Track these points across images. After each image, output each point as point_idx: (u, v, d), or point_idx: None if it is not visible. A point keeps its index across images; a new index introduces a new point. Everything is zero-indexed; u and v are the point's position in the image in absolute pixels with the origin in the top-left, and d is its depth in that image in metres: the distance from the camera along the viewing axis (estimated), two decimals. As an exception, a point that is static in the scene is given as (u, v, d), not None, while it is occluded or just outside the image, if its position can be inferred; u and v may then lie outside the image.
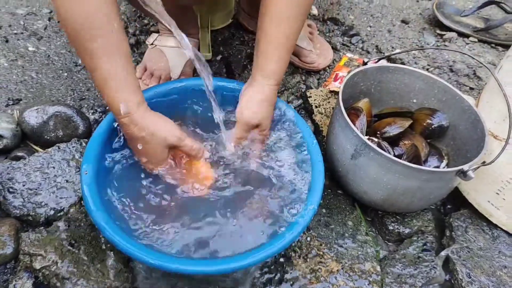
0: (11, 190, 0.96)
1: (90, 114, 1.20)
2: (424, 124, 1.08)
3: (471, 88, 1.38)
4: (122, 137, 0.90)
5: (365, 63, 1.08)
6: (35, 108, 1.11)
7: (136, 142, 0.84)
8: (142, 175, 0.89)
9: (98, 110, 1.21)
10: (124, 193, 0.86)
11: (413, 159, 0.97)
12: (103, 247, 0.91)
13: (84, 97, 1.25)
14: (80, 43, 0.76)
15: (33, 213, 0.94)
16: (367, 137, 1.02)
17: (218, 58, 1.40)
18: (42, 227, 0.93)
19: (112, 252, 0.90)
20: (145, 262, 0.73)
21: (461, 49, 1.51)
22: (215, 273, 0.74)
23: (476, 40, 1.56)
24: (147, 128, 0.81)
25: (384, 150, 0.91)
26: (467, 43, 1.55)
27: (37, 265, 0.85)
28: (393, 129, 1.05)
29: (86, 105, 1.23)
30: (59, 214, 0.96)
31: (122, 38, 0.78)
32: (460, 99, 1.04)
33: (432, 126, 1.07)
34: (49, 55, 1.35)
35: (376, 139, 1.02)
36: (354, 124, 0.95)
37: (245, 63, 1.39)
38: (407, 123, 1.05)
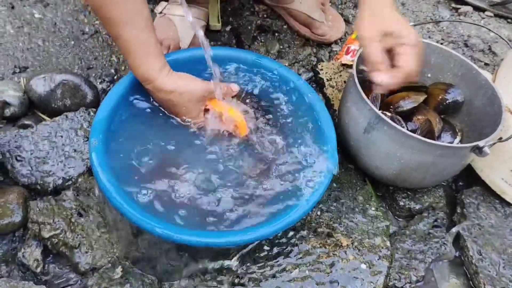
0: (18, 158, 0.95)
1: (98, 83, 1.18)
2: (438, 99, 1.05)
3: (486, 64, 1.35)
4: (131, 106, 0.89)
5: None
6: (42, 76, 1.09)
7: (166, 104, 0.88)
8: (151, 145, 0.88)
9: (106, 79, 1.20)
10: (133, 162, 0.85)
11: (427, 135, 0.96)
12: (112, 217, 0.90)
13: (91, 66, 1.23)
14: (103, 12, 0.79)
15: (41, 182, 0.93)
16: (380, 111, 1.00)
17: (228, 28, 1.37)
18: (50, 196, 0.92)
19: (120, 222, 0.90)
20: (153, 232, 0.73)
21: (477, 23, 1.47)
22: (239, 243, 0.75)
23: (492, 14, 1.51)
24: (172, 91, 0.84)
25: (397, 125, 0.89)
26: (483, 18, 1.51)
27: (45, 234, 0.85)
28: (406, 104, 1.02)
29: (93, 74, 1.20)
30: (67, 183, 0.95)
31: (143, 5, 0.81)
32: (477, 73, 1.01)
33: (447, 102, 1.05)
34: (55, 23, 1.32)
35: (389, 114, 1.00)
36: (368, 98, 0.93)
37: (255, 34, 1.36)
38: (421, 97, 1.03)
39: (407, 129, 0.98)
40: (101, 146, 0.82)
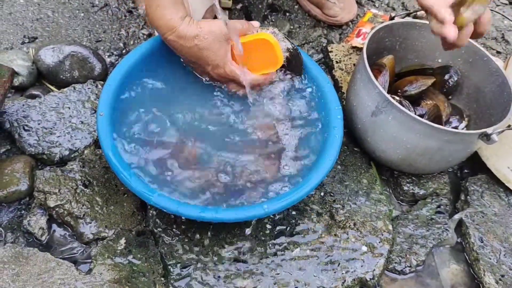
0: (26, 128, 0.96)
1: (107, 56, 1.18)
2: (440, 81, 1.05)
3: (498, 52, 1.33)
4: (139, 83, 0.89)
5: (392, 18, 1.04)
6: (51, 47, 1.09)
7: (191, 53, 0.86)
8: (159, 115, 0.89)
9: (115, 53, 1.19)
10: (140, 135, 0.85)
11: (435, 120, 0.95)
12: (117, 189, 0.91)
13: (100, 39, 1.22)
14: None
15: (48, 152, 0.94)
16: (389, 95, 0.99)
17: (238, 7, 1.36)
18: (56, 167, 0.93)
19: (125, 195, 0.90)
20: (161, 207, 0.74)
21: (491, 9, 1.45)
22: (251, 218, 0.77)
23: (507, 2, 1.49)
24: (197, 34, 0.83)
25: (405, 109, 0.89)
26: (498, 5, 1.48)
27: (51, 203, 0.86)
28: (414, 88, 1.02)
29: (102, 47, 1.20)
30: (73, 155, 0.95)
31: None
32: (488, 60, 1.00)
33: (449, 83, 1.05)
34: (65, -6, 1.31)
35: (397, 98, 1.00)
36: (377, 80, 0.92)
37: (265, 13, 1.35)
38: (429, 81, 1.02)
39: (415, 114, 0.98)
40: (109, 119, 0.82)
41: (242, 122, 0.92)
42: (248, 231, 0.87)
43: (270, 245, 0.87)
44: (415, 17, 1.33)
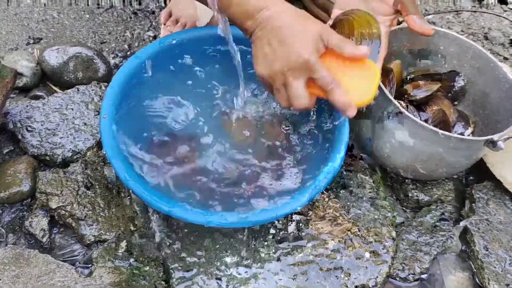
0: (29, 128, 0.96)
1: (111, 58, 1.18)
2: (446, 87, 1.04)
3: (505, 58, 1.32)
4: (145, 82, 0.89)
5: (399, 23, 1.03)
6: (55, 48, 1.09)
7: (274, 37, 0.68)
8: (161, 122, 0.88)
9: (119, 54, 1.19)
10: (143, 138, 0.85)
11: (439, 124, 0.94)
12: (119, 191, 0.90)
13: (105, 41, 1.22)
14: None
15: (51, 153, 0.94)
16: (395, 100, 0.99)
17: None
18: (59, 168, 0.93)
19: (128, 198, 0.90)
20: (164, 211, 0.74)
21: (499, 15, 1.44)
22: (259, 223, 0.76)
23: (514, 7, 1.48)
24: (293, 15, 0.68)
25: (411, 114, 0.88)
26: (505, 10, 1.48)
27: (53, 205, 0.86)
28: (420, 93, 1.01)
29: (107, 49, 1.20)
30: (76, 156, 0.95)
31: None
32: (495, 66, 0.99)
33: (454, 88, 1.04)
34: (71, -5, 1.32)
35: (403, 103, 0.99)
36: (384, 86, 0.92)
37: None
38: (434, 86, 1.01)
39: (420, 119, 0.97)
40: (112, 121, 0.81)
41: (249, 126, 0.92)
42: (245, 236, 0.86)
43: (273, 250, 0.86)
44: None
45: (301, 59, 0.67)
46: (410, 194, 1.00)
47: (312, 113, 0.90)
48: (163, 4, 1.33)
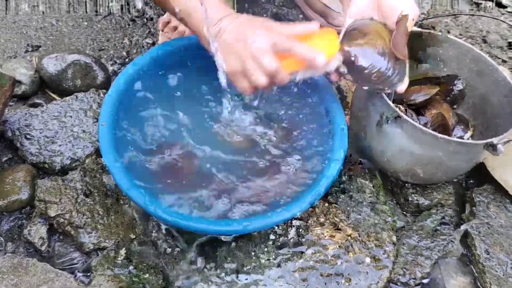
0: (28, 136, 0.96)
1: (109, 65, 1.18)
2: (444, 91, 1.04)
3: (504, 61, 1.32)
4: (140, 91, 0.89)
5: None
6: (54, 56, 1.09)
7: (243, 37, 0.76)
8: (161, 124, 0.88)
9: (117, 61, 1.19)
10: (141, 145, 0.85)
11: (439, 128, 0.94)
12: (118, 199, 0.90)
13: (103, 48, 1.23)
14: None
15: (49, 161, 0.94)
16: (394, 104, 0.98)
17: (242, 15, 1.36)
18: (57, 176, 0.92)
19: (127, 205, 0.90)
20: (162, 218, 0.73)
21: (497, 18, 1.44)
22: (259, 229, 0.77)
23: (513, 11, 1.48)
24: (243, 18, 0.78)
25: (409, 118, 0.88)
26: (503, 14, 1.48)
27: (52, 213, 0.85)
28: (418, 97, 1.01)
29: (105, 56, 1.20)
30: (74, 164, 0.95)
31: None
32: (494, 70, 0.99)
33: (453, 92, 1.04)
34: (70, 3, 1.32)
35: (402, 107, 0.99)
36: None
37: (269, 22, 1.35)
38: (433, 90, 1.01)
39: (419, 123, 0.97)
40: (110, 129, 0.81)
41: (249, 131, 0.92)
42: (245, 243, 0.86)
43: (273, 256, 0.86)
44: (420, 26, 1.33)
45: (267, 36, 0.76)
46: (410, 198, 1.00)
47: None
48: (161, 11, 1.33)
